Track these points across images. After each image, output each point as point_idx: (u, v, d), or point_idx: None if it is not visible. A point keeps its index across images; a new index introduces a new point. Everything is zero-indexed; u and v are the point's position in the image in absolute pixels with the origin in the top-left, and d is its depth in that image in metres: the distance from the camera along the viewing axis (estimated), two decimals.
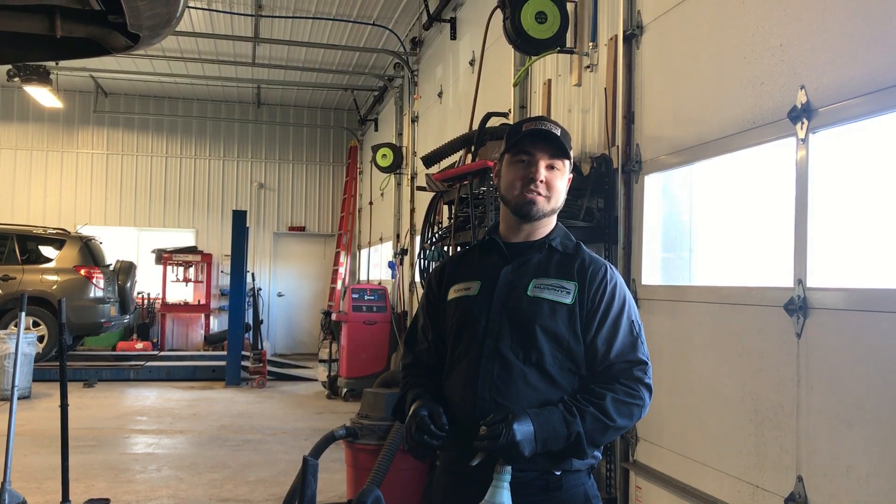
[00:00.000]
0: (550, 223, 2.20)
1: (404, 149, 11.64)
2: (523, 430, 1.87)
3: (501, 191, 2.20)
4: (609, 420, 1.95)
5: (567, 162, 2.17)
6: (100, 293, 11.87)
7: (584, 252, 2.17)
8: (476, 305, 2.13)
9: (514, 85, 6.44)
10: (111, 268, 12.68)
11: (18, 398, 5.31)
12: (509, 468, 1.88)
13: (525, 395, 2.01)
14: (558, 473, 2.02)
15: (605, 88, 4.83)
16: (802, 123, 3.06)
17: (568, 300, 2.06)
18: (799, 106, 3.08)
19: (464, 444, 1.98)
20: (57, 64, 12.46)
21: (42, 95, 12.98)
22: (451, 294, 2.21)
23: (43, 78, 12.05)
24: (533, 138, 2.12)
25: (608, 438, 2.05)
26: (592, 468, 2.13)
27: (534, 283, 2.09)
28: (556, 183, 2.14)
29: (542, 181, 2.11)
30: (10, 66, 12.17)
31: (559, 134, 2.13)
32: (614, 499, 4.51)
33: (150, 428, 8.56)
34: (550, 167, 2.13)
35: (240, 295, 12.26)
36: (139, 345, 14.20)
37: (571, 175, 2.22)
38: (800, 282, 3.04)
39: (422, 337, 2.30)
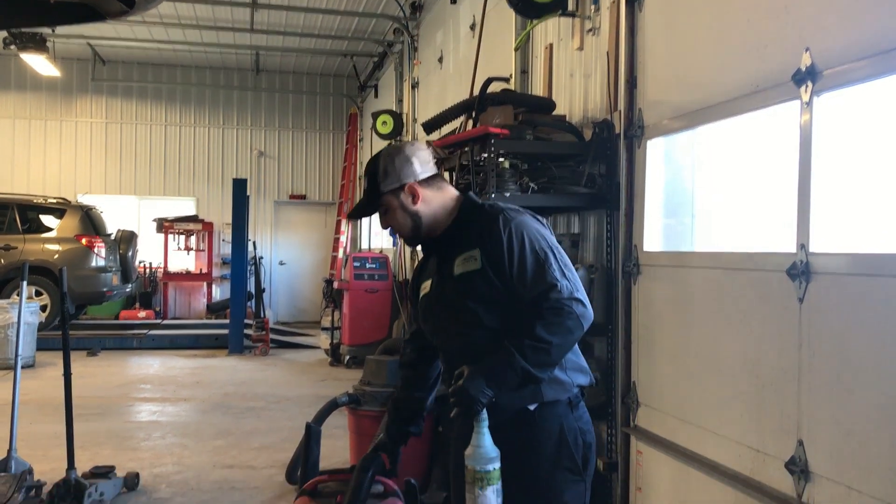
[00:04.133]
0: (440, 217, 2.46)
1: (404, 115, 11.56)
2: (474, 384, 2.15)
3: None
4: (544, 343, 2.19)
5: (385, 196, 2.43)
6: (101, 262, 11.88)
7: (483, 214, 2.40)
8: (430, 300, 2.50)
9: (516, 49, 6.37)
10: (112, 237, 12.68)
11: (22, 367, 5.34)
12: (484, 414, 2.17)
13: (475, 352, 2.27)
14: (532, 408, 2.30)
15: (608, 52, 4.78)
16: (807, 86, 3.02)
17: (477, 266, 2.32)
18: (803, 69, 3.04)
19: None
20: (53, 31, 12.32)
21: (39, 63, 12.87)
22: (420, 294, 2.59)
23: (39, 45, 11.93)
24: (352, 217, 2.60)
25: (558, 355, 2.25)
26: (572, 400, 2.35)
27: (455, 263, 2.39)
28: (393, 223, 2.48)
29: (386, 227, 2.53)
30: (5, 34, 12.07)
31: (369, 185, 2.45)
32: (615, 463, 4.54)
33: (154, 396, 8.62)
34: (382, 213, 2.48)
35: (241, 263, 12.27)
36: (142, 313, 14.25)
37: (406, 187, 2.42)
38: (802, 247, 3.02)
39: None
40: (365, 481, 2.35)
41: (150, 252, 15.24)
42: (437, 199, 2.45)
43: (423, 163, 2.45)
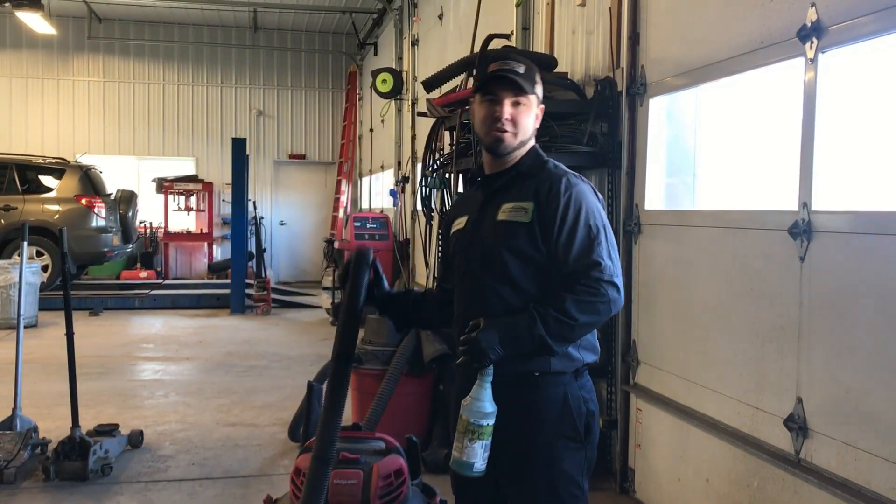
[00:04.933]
0: (524, 150, 2.39)
1: (404, 73, 11.44)
2: (488, 336, 2.13)
3: (475, 128, 2.43)
4: (571, 319, 2.16)
5: (533, 97, 2.35)
6: (102, 222, 11.87)
7: (547, 170, 2.36)
8: (464, 237, 2.44)
9: (517, 5, 6.28)
10: (112, 197, 12.64)
11: (25, 327, 5.36)
12: (490, 369, 2.15)
13: (496, 306, 2.27)
14: (536, 374, 2.26)
15: (610, 8, 4.71)
16: (812, 43, 2.98)
17: (526, 219, 2.28)
18: (809, 24, 2.99)
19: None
20: None
21: (34, 21, 12.71)
22: (453, 229, 2.54)
23: (34, 3, 11.76)
24: (496, 81, 2.31)
25: (580, 334, 2.24)
26: (578, 371, 2.33)
27: (501, 209, 2.33)
28: (521, 119, 2.33)
29: (507, 119, 2.31)
30: None
31: (523, 71, 2.32)
32: (615, 420, 4.59)
33: (157, 355, 8.68)
34: (516, 104, 2.32)
35: (242, 223, 12.27)
36: (143, 273, 14.28)
37: (542, 106, 2.40)
38: (804, 205, 3.01)
39: (444, 266, 2.65)
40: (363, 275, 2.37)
41: (150, 212, 15.23)
42: (532, 138, 2.41)
43: None
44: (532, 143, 2.40)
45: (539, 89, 2.37)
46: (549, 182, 2.30)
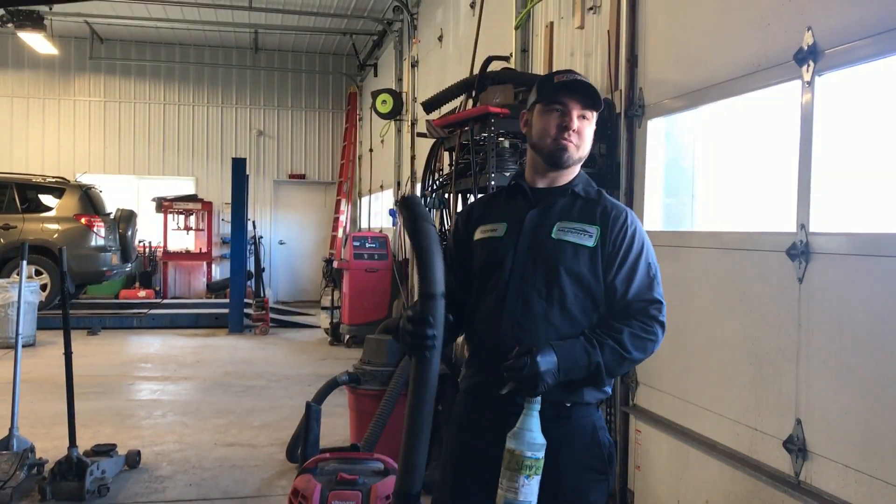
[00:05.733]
0: (575, 171, 2.32)
1: (404, 94, 11.50)
2: (547, 360, 2.01)
3: (533, 138, 2.31)
4: (625, 352, 2.11)
5: (596, 114, 2.28)
6: (101, 241, 11.87)
7: (606, 198, 2.30)
8: (502, 246, 2.26)
9: (516, 28, 6.33)
10: (112, 216, 12.66)
11: (23, 346, 5.35)
12: (539, 398, 1.99)
13: (545, 331, 2.14)
14: (569, 405, 2.17)
15: (609, 31, 4.74)
16: (808, 66, 3.01)
17: (590, 243, 2.19)
18: (805, 48, 3.02)
19: (485, 372, 2.19)
20: (50, 9, 12.25)
21: (36, 41, 12.80)
22: (478, 234, 2.35)
23: (37, 23, 11.87)
24: (567, 89, 2.23)
25: (623, 370, 2.21)
26: (601, 402, 2.26)
27: (558, 226, 2.22)
28: (586, 132, 2.26)
29: (574, 130, 2.23)
30: (2, 12, 11.98)
31: (593, 91, 2.25)
32: (614, 441, 4.56)
33: (155, 375, 8.65)
34: (582, 117, 2.24)
35: (241, 242, 12.28)
36: (142, 293, 14.26)
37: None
38: (802, 226, 3.02)
39: (448, 273, 2.25)
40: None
41: (149, 231, 15.23)
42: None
43: None
44: (579, 165, 2.33)
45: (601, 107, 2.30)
46: (616, 211, 2.25)
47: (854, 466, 2.77)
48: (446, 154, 5.82)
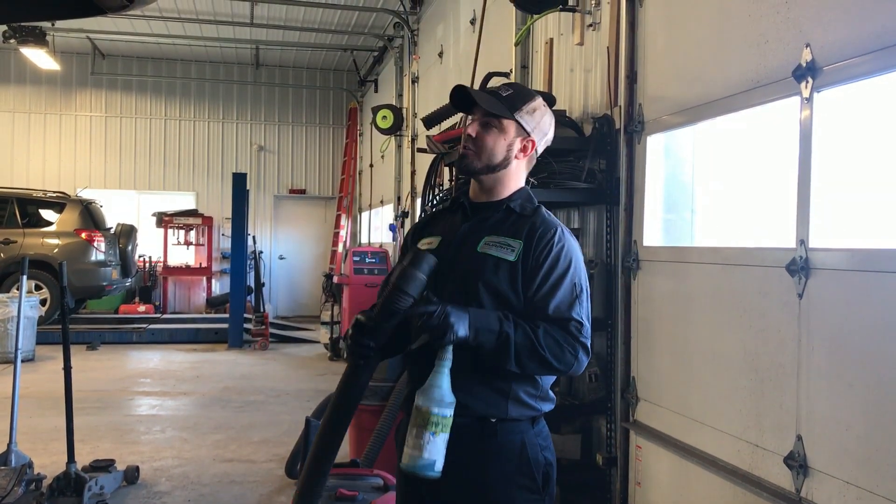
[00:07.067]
0: (510, 184, 2.28)
1: (404, 110, 11.55)
2: (458, 313, 2.00)
3: None
4: (538, 345, 2.04)
5: (508, 123, 2.23)
6: (101, 256, 11.88)
7: (540, 215, 2.25)
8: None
9: (516, 44, 6.36)
10: (112, 231, 12.68)
11: (22, 361, 5.34)
12: (449, 353, 1.97)
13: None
14: (493, 421, 2.13)
15: (608, 48, 4.77)
16: (807, 82, 3.02)
17: (511, 257, 2.15)
18: (804, 64, 3.04)
19: (415, 383, 2.16)
20: (53, 25, 12.32)
21: (39, 57, 12.86)
22: (420, 246, 2.33)
23: (39, 39, 11.93)
24: (458, 96, 2.29)
25: (534, 366, 2.09)
26: (534, 419, 2.19)
27: (485, 241, 2.20)
28: (484, 140, 2.22)
29: (469, 135, 2.23)
30: (5, 28, 12.05)
31: (505, 95, 2.24)
32: (615, 458, 4.55)
33: (154, 390, 8.63)
34: (485, 124, 2.23)
35: (241, 257, 12.28)
36: (141, 308, 14.26)
37: (532, 139, 2.27)
38: (802, 242, 3.03)
39: None
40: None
41: (149, 246, 15.24)
42: (520, 172, 2.29)
43: (547, 141, 2.34)
44: (522, 183, 2.31)
45: (528, 120, 2.24)
46: (545, 227, 2.19)
47: (855, 483, 2.76)
48: (446, 169, 5.84)
